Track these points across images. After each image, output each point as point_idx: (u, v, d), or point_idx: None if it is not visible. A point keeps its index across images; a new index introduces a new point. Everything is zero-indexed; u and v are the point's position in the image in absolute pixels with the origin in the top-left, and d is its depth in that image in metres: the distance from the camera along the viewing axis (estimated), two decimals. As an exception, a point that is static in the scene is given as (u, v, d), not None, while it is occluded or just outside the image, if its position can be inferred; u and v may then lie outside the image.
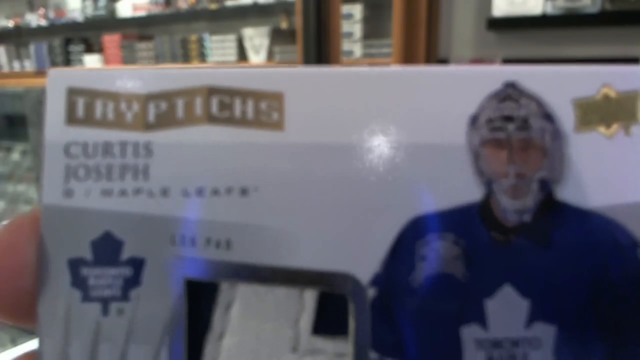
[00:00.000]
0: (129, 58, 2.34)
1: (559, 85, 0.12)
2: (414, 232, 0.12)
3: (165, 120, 0.12)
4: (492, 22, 1.54)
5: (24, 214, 0.12)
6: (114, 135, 0.12)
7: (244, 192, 0.12)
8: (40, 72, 2.54)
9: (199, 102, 0.12)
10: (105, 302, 0.12)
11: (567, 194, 0.12)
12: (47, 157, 0.12)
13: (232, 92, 0.12)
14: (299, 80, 0.12)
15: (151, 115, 0.12)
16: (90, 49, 2.49)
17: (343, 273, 0.12)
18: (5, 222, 0.12)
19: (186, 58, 2.21)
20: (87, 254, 0.12)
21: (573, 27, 1.48)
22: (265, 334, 0.12)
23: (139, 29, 2.38)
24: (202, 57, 2.18)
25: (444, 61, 1.69)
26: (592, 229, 0.12)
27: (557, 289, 0.12)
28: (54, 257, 0.12)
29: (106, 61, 2.41)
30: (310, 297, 0.12)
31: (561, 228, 0.12)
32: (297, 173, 0.12)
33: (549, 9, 1.46)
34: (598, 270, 0.12)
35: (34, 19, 2.62)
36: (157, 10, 2.27)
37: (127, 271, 0.12)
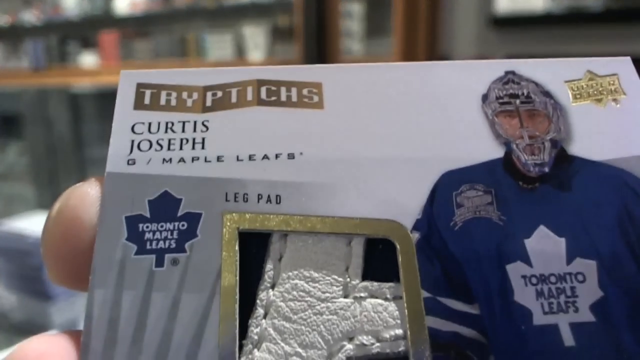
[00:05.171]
0: (126, 56, 2.32)
1: (550, 71, 0.15)
2: (448, 184, 0.13)
3: (221, 104, 0.14)
4: (494, 20, 1.52)
5: (88, 181, 0.13)
6: (175, 117, 0.14)
7: (290, 156, 0.13)
8: (36, 71, 2.52)
9: (250, 90, 0.14)
10: (160, 253, 0.12)
11: (576, 150, 0.14)
12: (114, 135, 0.14)
13: (278, 83, 0.14)
14: (334, 73, 0.14)
15: (208, 101, 0.14)
16: (87, 46, 2.47)
17: (387, 219, 0.13)
18: (71, 189, 0.13)
19: (184, 56, 2.19)
20: (145, 212, 0.13)
21: (576, 25, 1.47)
22: (316, 281, 0.13)
23: (137, 26, 2.36)
24: (201, 54, 2.16)
25: (445, 59, 1.67)
26: (606, 175, 0.13)
27: (587, 227, 0.13)
28: (112, 216, 0.13)
29: (103, 59, 2.39)
30: (357, 244, 0.13)
31: (578, 175, 0.13)
32: (337, 139, 0.14)
33: (552, 6, 1.45)
34: (620, 209, 0.13)
35: (30, 17, 2.59)
36: (154, 8, 2.25)
37: (183, 225, 0.13)
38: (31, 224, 0.82)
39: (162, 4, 2.23)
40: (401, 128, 0.14)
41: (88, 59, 2.44)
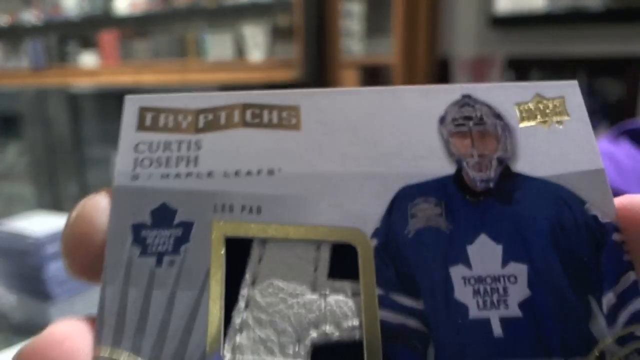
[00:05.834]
0: (126, 56, 2.32)
1: (502, 95, 0.16)
2: (404, 197, 0.15)
3: (211, 126, 0.16)
4: (494, 20, 1.52)
5: (99, 193, 0.15)
6: (172, 137, 0.16)
7: (270, 172, 0.15)
8: (36, 71, 2.52)
9: (236, 113, 0.16)
10: (159, 256, 0.14)
11: (520, 167, 0.15)
12: (120, 153, 0.16)
13: (262, 107, 0.16)
14: (311, 98, 0.17)
15: (201, 123, 0.16)
16: (86, 46, 2.47)
17: (351, 227, 0.15)
18: (84, 199, 0.15)
19: (184, 56, 2.19)
20: (147, 220, 0.15)
21: (576, 25, 1.46)
22: (289, 280, 0.15)
23: (136, 26, 2.35)
24: (200, 54, 2.16)
25: (445, 59, 1.67)
26: (544, 190, 0.15)
27: (523, 235, 0.15)
28: (120, 223, 0.15)
29: (103, 59, 2.39)
30: (325, 249, 0.15)
31: (519, 190, 0.15)
32: (311, 157, 0.16)
33: (552, 6, 1.45)
34: (553, 220, 0.15)
35: (30, 17, 2.59)
36: (154, 8, 2.24)
37: (178, 231, 0.15)
38: (31, 224, 0.82)
39: (162, 4, 2.23)
40: (366, 147, 0.16)
41: (88, 59, 2.44)
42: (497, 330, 0.14)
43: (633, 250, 0.14)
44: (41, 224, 0.82)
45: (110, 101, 2.44)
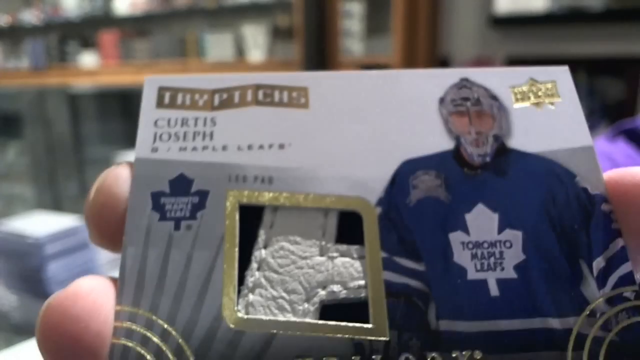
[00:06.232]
0: (126, 56, 2.33)
1: (498, 78, 0.17)
2: (407, 170, 0.16)
3: (226, 104, 0.17)
4: (494, 20, 1.52)
5: (121, 164, 0.16)
6: (189, 114, 0.17)
7: (281, 146, 0.16)
8: (36, 71, 2.52)
9: (249, 93, 0.18)
10: (177, 220, 0.15)
11: (514, 143, 0.16)
12: (141, 128, 0.17)
13: (273, 87, 0.18)
14: (319, 79, 0.18)
15: (216, 101, 0.17)
16: (86, 46, 2.47)
17: (356, 196, 0.16)
18: (107, 170, 0.16)
19: (184, 56, 2.19)
20: (166, 189, 0.16)
21: (577, 25, 1.46)
22: (298, 243, 0.16)
23: (137, 26, 2.36)
24: (200, 54, 2.16)
25: (445, 59, 1.67)
26: (537, 164, 0.16)
27: (517, 205, 0.15)
28: (140, 191, 0.16)
29: (103, 58, 2.39)
30: (332, 215, 0.16)
31: (514, 164, 0.16)
32: (319, 133, 0.17)
33: (552, 6, 1.45)
34: (546, 192, 0.16)
35: (30, 17, 2.59)
36: (154, 8, 2.25)
37: (195, 199, 0.16)
38: (31, 224, 0.82)
39: (162, 4, 2.23)
40: (370, 125, 0.17)
41: (88, 59, 2.44)
42: (493, 290, 0.15)
43: (621, 219, 0.15)
44: (41, 224, 0.82)
45: (110, 101, 2.44)
